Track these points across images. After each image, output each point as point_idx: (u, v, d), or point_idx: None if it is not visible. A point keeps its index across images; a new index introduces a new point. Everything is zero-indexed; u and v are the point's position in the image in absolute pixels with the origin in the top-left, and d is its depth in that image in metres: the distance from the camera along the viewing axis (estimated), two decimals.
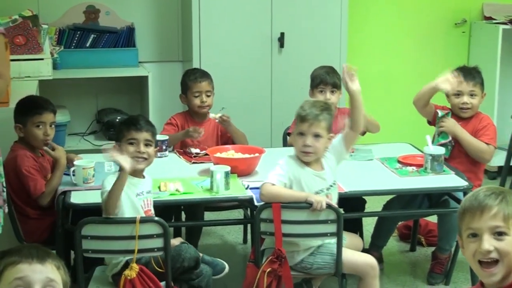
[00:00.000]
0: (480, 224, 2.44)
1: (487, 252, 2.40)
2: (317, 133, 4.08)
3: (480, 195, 2.49)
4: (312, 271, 4.24)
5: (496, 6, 7.63)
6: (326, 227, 4.18)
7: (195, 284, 4.12)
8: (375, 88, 7.07)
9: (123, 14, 6.71)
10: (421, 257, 5.67)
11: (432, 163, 4.83)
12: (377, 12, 7.44)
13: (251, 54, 6.56)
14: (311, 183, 4.17)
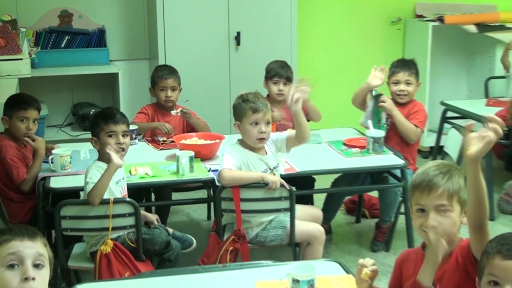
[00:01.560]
0: (427, 202, 2.52)
1: (431, 227, 2.48)
2: (269, 121, 4.16)
3: (430, 173, 2.55)
4: (267, 244, 4.27)
5: (426, 5, 7.68)
6: (280, 204, 4.20)
7: (165, 257, 4.13)
8: (323, 79, 7.10)
9: (94, 18, 6.68)
10: (365, 228, 5.70)
11: (373, 145, 4.89)
12: (323, 12, 7.44)
13: (211, 51, 6.56)
14: (258, 166, 4.21)
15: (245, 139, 4.21)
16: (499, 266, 2.07)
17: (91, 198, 3.75)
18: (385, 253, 5.25)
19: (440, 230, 2.46)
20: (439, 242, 2.26)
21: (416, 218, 2.58)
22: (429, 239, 2.48)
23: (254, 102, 4.14)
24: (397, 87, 5.31)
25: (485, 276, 2.12)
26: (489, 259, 2.11)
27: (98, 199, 3.75)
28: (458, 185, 2.52)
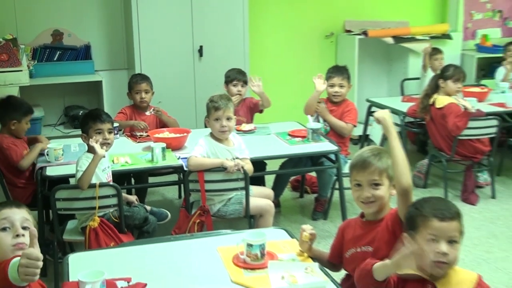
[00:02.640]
0: (362, 178, 2.67)
1: (367, 199, 2.64)
2: (229, 117, 4.18)
3: (364, 155, 2.70)
4: (227, 217, 4.29)
5: (353, 22, 7.71)
6: (237, 184, 4.22)
7: (144, 230, 4.14)
8: (271, 82, 7.03)
9: (81, 36, 6.61)
10: (307, 202, 5.73)
11: (312, 135, 4.93)
12: (271, 28, 7.44)
13: (179, 62, 6.53)
14: (224, 155, 4.24)
15: (212, 132, 4.26)
16: (436, 227, 2.20)
17: (81, 183, 3.76)
18: (324, 221, 5.31)
19: (376, 199, 2.63)
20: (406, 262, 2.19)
21: (354, 191, 2.71)
22: (364, 208, 2.68)
23: (216, 101, 4.19)
24: (332, 89, 5.35)
25: (423, 234, 2.22)
26: (426, 221, 2.23)
27: (86, 184, 3.76)
28: (387, 164, 2.66)
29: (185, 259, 2.72)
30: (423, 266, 2.22)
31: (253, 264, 2.58)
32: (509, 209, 5.58)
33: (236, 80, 5.46)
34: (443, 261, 2.18)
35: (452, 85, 5.68)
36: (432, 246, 2.19)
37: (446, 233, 2.20)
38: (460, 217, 2.27)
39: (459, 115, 5.56)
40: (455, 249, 2.21)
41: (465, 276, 2.27)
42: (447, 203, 2.33)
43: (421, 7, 8.21)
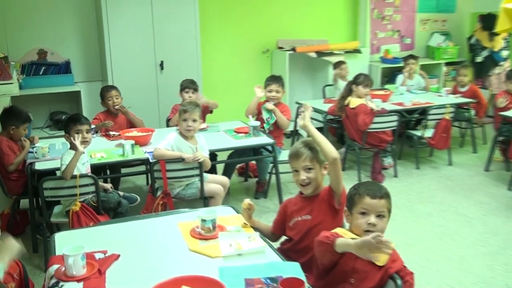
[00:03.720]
0: (298, 165, 2.74)
1: (303, 181, 2.71)
2: (195, 119, 4.20)
3: (297, 147, 2.77)
4: (185, 198, 4.29)
5: (284, 40, 7.75)
6: (194, 172, 4.22)
7: (118, 212, 4.14)
8: (220, 89, 7.15)
9: (62, 53, 6.49)
10: (250, 184, 5.75)
11: (253, 131, 4.96)
12: (219, 44, 7.40)
13: (144, 74, 6.46)
14: (187, 150, 4.22)
15: (180, 130, 4.26)
16: (367, 203, 2.29)
17: (64, 175, 3.73)
18: (264, 199, 5.34)
19: (311, 180, 2.71)
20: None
21: (294, 176, 2.79)
22: (302, 189, 2.73)
23: (186, 106, 4.24)
24: (270, 93, 5.37)
25: (357, 208, 2.30)
26: (361, 198, 2.30)
27: (69, 175, 3.73)
28: (316, 151, 2.73)
29: (151, 234, 2.71)
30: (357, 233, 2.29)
31: (207, 235, 2.58)
32: (407, 185, 5.73)
33: (187, 88, 5.44)
34: (372, 230, 2.25)
35: (362, 89, 5.78)
36: (364, 218, 2.27)
37: (376, 209, 2.28)
38: (388, 197, 2.34)
39: (367, 114, 5.68)
40: (383, 222, 2.29)
41: None
42: (379, 186, 2.38)
43: (337, 28, 8.31)
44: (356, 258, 2.25)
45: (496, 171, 6.18)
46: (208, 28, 7.13)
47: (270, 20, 7.71)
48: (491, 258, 4.16)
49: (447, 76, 8.59)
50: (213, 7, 7.22)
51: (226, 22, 7.40)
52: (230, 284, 2.08)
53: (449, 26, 9.12)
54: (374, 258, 2.15)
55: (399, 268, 2.29)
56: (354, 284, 2.25)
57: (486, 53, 8.28)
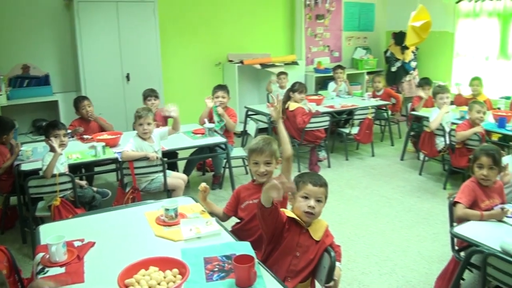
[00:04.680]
0: (259, 159, 2.70)
1: (262, 173, 2.69)
2: (149, 122, 4.15)
3: (260, 143, 2.72)
4: (151, 191, 4.23)
5: (234, 54, 7.76)
6: (157, 168, 4.18)
7: (93, 205, 4.06)
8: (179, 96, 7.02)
9: (43, 68, 6.30)
10: (208, 178, 5.70)
11: (209, 132, 4.94)
12: (177, 58, 7.33)
13: (112, 85, 6.35)
14: (148, 149, 4.18)
15: (138, 133, 4.21)
16: (309, 189, 2.31)
17: (45, 174, 3.66)
18: (219, 190, 5.30)
19: (268, 173, 2.71)
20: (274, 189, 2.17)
21: (253, 167, 2.75)
22: (259, 179, 2.74)
23: (140, 112, 4.16)
24: (217, 99, 5.31)
25: (301, 193, 2.32)
26: (304, 184, 2.32)
27: (49, 174, 3.66)
28: (274, 148, 2.73)
29: (122, 223, 2.67)
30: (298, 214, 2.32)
31: (170, 222, 2.56)
32: (339, 174, 5.85)
33: (149, 97, 5.35)
34: (311, 212, 2.28)
35: (298, 95, 5.85)
36: (306, 202, 2.29)
37: (316, 194, 2.31)
38: (326, 186, 2.37)
39: (304, 114, 5.75)
40: (319, 206, 2.32)
41: (322, 223, 2.39)
42: (319, 176, 2.40)
43: (278, 44, 8.36)
44: (300, 234, 2.30)
45: (410, 160, 6.37)
46: (168, 44, 7.05)
47: (222, 37, 7.69)
48: (406, 231, 4.30)
49: (369, 83, 8.80)
50: (172, 26, 7.14)
51: (184, 39, 7.33)
52: (191, 263, 2.08)
53: (369, 42, 9.35)
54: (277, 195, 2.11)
55: (331, 242, 2.36)
56: (299, 257, 2.29)
57: (399, 64, 8.50)
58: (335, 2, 8.70)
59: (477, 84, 6.38)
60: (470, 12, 7.69)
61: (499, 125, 5.18)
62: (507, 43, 7.26)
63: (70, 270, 2.11)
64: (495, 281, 2.33)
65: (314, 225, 2.34)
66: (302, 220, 2.31)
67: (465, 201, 2.84)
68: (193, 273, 2.00)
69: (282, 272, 2.29)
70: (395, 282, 3.46)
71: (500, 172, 3.03)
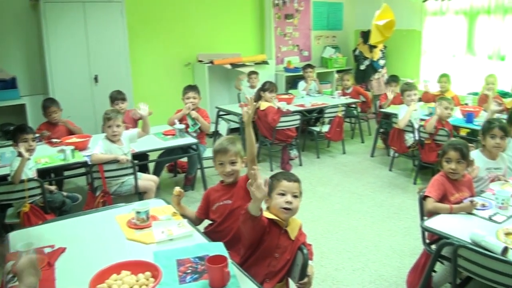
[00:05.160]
0: (224, 159, 2.71)
1: (228, 172, 2.69)
2: (118, 124, 4.10)
3: (224, 143, 2.74)
4: (122, 194, 4.20)
5: (204, 55, 7.70)
6: (128, 171, 4.14)
7: (63, 210, 3.98)
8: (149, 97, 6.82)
9: (9, 70, 6.14)
10: (179, 179, 5.66)
11: (179, 133, 4.91)
12: (146, 59, 7.23)
13: (80, 87, 6.25)
14: (116, 151, 4.13)
15: (107, 135, 4.15)
16: (285, 185, 2.32)
17: (14, 180, 3.58)
18: (192, 191, 5.26)
19: (234, 172, 2.71)
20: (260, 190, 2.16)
21: (219, 168, 2.75)
22: (225, 179, 2.74)
23: (109, 114, 4.12)
24: (189, 100, 5.25)
25: (277, 190, 2.32)
26: (279, 182, 2.33)
27: (18, 180, 3.58)
28: (239, 148, 2.74)
29: (93, 227, 2.62)
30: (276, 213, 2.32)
31: (141, 225, 2.53)
32: (310, 172, 5.88)
33: (116, 100, 5.25)
34: (288, 207, 2.29)
35: (269, 94, 5.86)
36: (283, 198, 2.30)
37: (291, 190, 2.33)
38: (300, 182, 2.39)
39: (275, 113, 5.76)
40: (296, 201, 2.34)
41: (296, 222, 2.40)
42: (292, 173, 2.43)
43: (248, 43, 8.35)
44: (279, 236, 2.30)
45: (380, 156, 6.45)
46: (136, 44, 6.96)
47: (191, 37, 7.62)
48: (377, 226, 4.35)
49: (338, 82, 8.87)
50: (140, 26, 7.05)
51: (152, 39, 7.24)
52: (163, 265, 2.05)
53: (338, 41, 9.43)
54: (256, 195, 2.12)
55: (304, 240, 2.36)
56: (278, 258, 2.29)
57: (367, 62, 8.59)
58: (303, 2, 8.75)
59: (445, 81, 6.51)
60: (437, 10, 7.84)
61: (467, 120, 5.29)
62: (474, 40, 7.43)
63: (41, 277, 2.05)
64: (466, 272, 2.38)
65: (290, 224, 2.35)
66: (280, 219, 2.31)
67: (434, 195, 2.89)
68: (166, 275, 1.97)
69: (261, 274, 2.29)
70: (368, 277, 3.49)
71: (468, 165, 3.09)
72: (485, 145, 3.47)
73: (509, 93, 6.79)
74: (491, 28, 7.09)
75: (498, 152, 3.45)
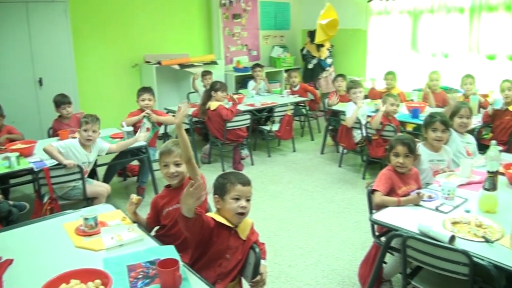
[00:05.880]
0: (168, 160, 2.69)
1: (172, 173, 2.67)
2: (95, 130, 4.11)
3: (168, 145, 2.73)
4: (71, 199, 4.08)
5: (151, 55, 7.58)
6: (76, 176, 4.02)
7: (9, 220, 3.79)
8: (96, 100, 6.83)
9: None
10: (129, 183, 5.56)
11: (127, 136, 4.77)
12: (92, 61, 7.03)
13: (25, 90, 6.04)
14: (81, 157, 4.08)
15: (80, 139, 4.10)
16: (240, 189, 2.28)
17: None
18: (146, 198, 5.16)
19: (178, 174, 2.68)
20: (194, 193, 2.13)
21: (163, 169, 2.72)
22: (170, 180, 2.70)
23: (87, 118, 4.09)
24: (143, 102, 5.20)
25: (231, 195, 2.28)
26: (234, 185, 2.29)
27: None
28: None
29: (41, 236, 2.52)
30: (229, 216, 2.28)
31: (90, 231, 2.46)
32: (262, 171, 5.90)
33: (63, 104, 5.08)
34: (243, 212, 2.28)
35: (220, 94, 5.83)
36: (237, 203, 2.27)
37: (246, 194, 2.30)
38: (251, 184, 2.36)
39: (227, 110, 5.73)
40: (249, 204, 2.32)
41: (247, 221, 2.38)
42: (244, 175, 2.38)
43: (196, 43, 8.29)
44: (229, 237, 2.28)
45: (329, 153, 6.56)
46: (82, 46, 6.77)
47: (137, 37, 7.48)
48: (329, 221, 4.42)
49: (287, 81, 8.94)
50: (85, 27, 6.85)
51: (98, 40, 7.05)
52: (114, 272, 2.00)
53: (286, 41, 9.52)
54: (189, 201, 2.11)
55: (256, 239, 2.36)
56: (229, 259, 2.28)
57: (315, 61, 8.71)
58: (250, 2, 8.78)
59: (391, 78, 6.70)
60: (382, 10, 8.05)
61: (413, 115, 5.46)
62: (418, 38, 7.66)
63: None
64: (415, 261, 2.45)
65: (241, 224, 2.34)
66: (232, 222, 2.30)
67: (382, 188, 2.95)
68: (117, 282, 1.92)
69: (213, 275, 2.27)
70: (321, 271, 3.54)
71: (415, 159, 3.19)
72: (427, 138, 3.59)
73: (453, 89, 7.07)
74: (435, 27, 7.35)
75: (439, 145, 3.57)
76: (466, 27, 6.94)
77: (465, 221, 2.53)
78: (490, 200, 2.72)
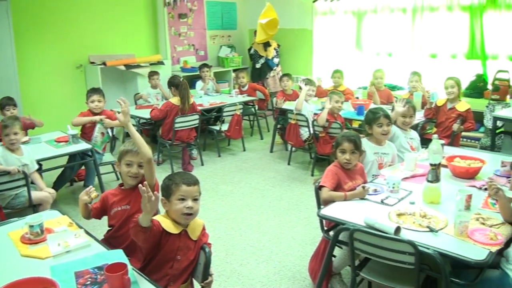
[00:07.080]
0: (133, 159, 2.67)
1: (134, 174, 2.65)
2: (16, 132, 3.91)
3: (129, 146, 2.69)
4: (15, 207, 3.92)
5: (96, 56, 7.40)
6: (20, 182, 3.85)
7: None
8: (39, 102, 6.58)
9: None
10: (76, 187, 5.36)
11: (72, 139, 4.64)
12: (35, 62, 6.75)
13: None
14: (13, 162, 3.88)
15: (4, 144, 3.92)
16: (185, 190, 2.25)
17: None
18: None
19: (139, 175, 2.66)
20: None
21: (125, 168, 2.68)
22: (127, 179, 2.68)
23: (5, 121, 3.95)
24: (93, 104, 5.05)
25: (176, 196, 2.25)
26: (178, 186, 2.26)
27: None
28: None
29: None
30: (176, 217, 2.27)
31: (36, 239, 2.38)
32: (212, 171, 5.89)
33: (7, 106, 4.95)
34: (190, 212, 2.25)
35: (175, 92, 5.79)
36: (183, 203, 2.24)
37: (191, 194, 2.26)
38: (199, 183, 2.34)
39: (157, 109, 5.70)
40: (197, 204, 2.29)
41: (198, 222, 2.37)
42: (190, 175, 2.35)
43: (142, 43, 8.16)
44: (180, 238, 2.26)
45: (278, 151, 6.64)
46: (24, 46, 6.53)
47: (81, 37, 7.27)
48: (279, 219, 4.47)
49: (235, 80, 8.96)
50: (27, 26, 6.60)
51: (41, 41, 6.80)
52: (61, 279, 1.95)
53: (233, 40, 9.54)
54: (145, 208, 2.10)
55: (206, 240, 2.37)
56: (180, 260, 2.27)
57: (262, 61, 8.77)
58: (196, 1, 8.73)
59: (338, 76, 6.85)
60: (327, 10, 8.21)
61: (358, 112, 5.60)
62: (362, 38, 7.87)
63: None
64: (363, 253, 2.52)
65: (191, 225, 2.33)
66: (179, 223, 2.28)
67: (329, 184, 3.03)
68: None
69: (164, 278, 2.25)
70: (272, 268, 3.59)
71: (361, 155, 3.28)
72: (371, 133, 3.70)
73: (397, 86, 7.32)
74: (378, 27, 7.58)
75: (385, 139, 3.70)
76: (409, 27, 7.20)
77: (410, 213, 2.63)
78: (434, 191, 2.84)
